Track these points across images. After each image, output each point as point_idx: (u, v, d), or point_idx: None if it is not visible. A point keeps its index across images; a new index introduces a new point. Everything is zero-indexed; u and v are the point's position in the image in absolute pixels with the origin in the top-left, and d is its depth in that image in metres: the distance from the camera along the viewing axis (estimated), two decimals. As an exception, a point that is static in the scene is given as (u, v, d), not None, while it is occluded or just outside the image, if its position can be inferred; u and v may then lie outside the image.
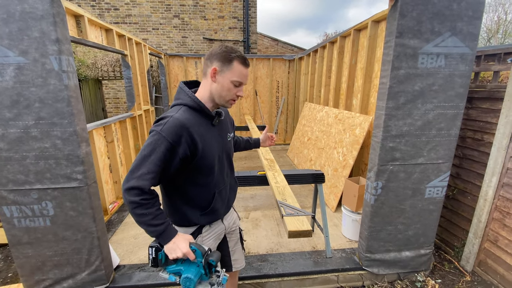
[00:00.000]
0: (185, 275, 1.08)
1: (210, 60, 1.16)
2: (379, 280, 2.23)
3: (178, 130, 1.08)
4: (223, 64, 1.13)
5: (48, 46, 1.52)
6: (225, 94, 1.17)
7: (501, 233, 2.12)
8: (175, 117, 1.09)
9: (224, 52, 1.13)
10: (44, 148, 1.63)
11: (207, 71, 1.17)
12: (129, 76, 3.80)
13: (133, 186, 1.03)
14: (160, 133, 1.06)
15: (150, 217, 1.06)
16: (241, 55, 1.15)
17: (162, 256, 1.12)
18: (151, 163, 1.05)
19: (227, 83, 1.15)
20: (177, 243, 1.09)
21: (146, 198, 1.05)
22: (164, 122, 1.08)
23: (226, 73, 1.14)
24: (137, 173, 1.05)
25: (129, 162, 3.86)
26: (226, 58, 1.13)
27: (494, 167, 2.12)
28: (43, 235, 1.80)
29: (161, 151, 1.06)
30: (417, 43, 1.70)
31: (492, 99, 2.20)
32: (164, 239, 1.10)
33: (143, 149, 1.07)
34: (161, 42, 8.26)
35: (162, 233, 1.09)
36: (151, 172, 1.05)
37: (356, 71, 3.67)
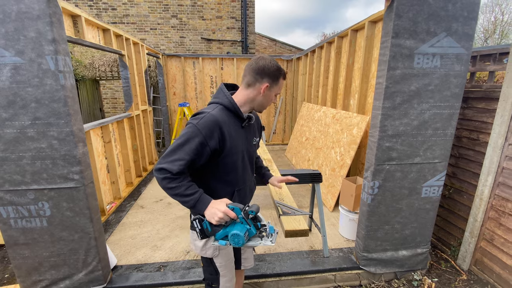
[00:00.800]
0: (232, 232, 1.14)
1: (261, 75, 1.25)
2: (376, 279, 2.24)
3: (212, 125, 1.18)
4: (273, 81, 1.27)
5: (45, 46, 1.52)
6: (267, 104, 1.34)
7: (497, 232, 2.14)
8: (211, 114, 1.20)
9: (276, 71, 1.26)
10: (41, 148, 1.63)
11: (256, 85, 1.27)
12: (127, 76, 3.80)
13: (163, 167, 1.14)
14: (196, 126, 1.16)
15: (183, 188, 1.16)
16: (284, 72, 1.31)
17: (206, 225, 1.19)
18: (184, 151, 1.15)
19: (272, 96, 1.32)
20: (215, 206, 1.17)
21: (175, 176, 1.15)
22: (202, 117, 1.18)
23: (274, 88, 1.30)
24: (169, 158, 1.15)
25: (126, 163, 3.85)
26: (276, 76, 1.27)
27: (489, 166, 2.13)
28: (40, 235, 1.79)
29: (194, 142, 1.15)
30: (413, 44, 1.71)
31: (488, 99, 2.21)
32: (201, 205, 1.18)
33: (179, 138, 1.18)
34: (159, 42, 8.25)
35: (198, 200, 1.18)
36: (182, 159, 1.15)
37: (354, 71, 3.68)
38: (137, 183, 4.12)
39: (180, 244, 2.57)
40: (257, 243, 1.20)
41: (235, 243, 1.15)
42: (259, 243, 1.20)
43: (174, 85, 6.31)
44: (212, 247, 1.37)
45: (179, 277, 2.08)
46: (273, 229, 1.22)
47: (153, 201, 3.57)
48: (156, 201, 3.57)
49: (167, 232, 2.81)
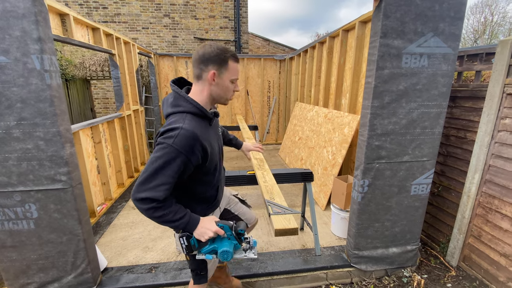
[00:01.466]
0: (222, 249, 1.19)
1: (205, 63, 1.16)
2: (367, 276, 2.27)
3: (191, 142, 1.09)
4: (220, 66, 1.16)
5: (30, 45, 1.49)
6: (225, 93, 1.23)
7: (484, 229, 2.18)
8: (185, 129, 1.08)
9: (218, 54, 1.14)
10: (27, 149, 1.60)
11: (203, 75, 1.17)
12: (117, 76, 3.75)
13: (146, 196, 1.05)
14: (172, 146, 1.05)
15: (171, 215, 1.12)
16: (233, 53, 1.20)
17: (194, 242, 1.22)
18: (165, 175, 1.06)
19: (227, 83, 1.20)
20: (205, 226, 1.18)
21: (161, 203, 1.09)
22: (175, 135, 1.07)
23: (224, 74, 1.18)
24: (150, 185, 1.06)
25: (117, 163, 3.81)
26: (222, 60, 1.15)
27: (476, 164, 2.18)
28: (27, 238, 1.76)
29: (176, 164, 1.07)
30: (401, 43, 1.73)
31: (475, 98, 2.26)
32: (191, 227, 1.17)
33: (154, 161, 1.06)
34: (151, 42, 8.18)
35: (188, 223, 1.16)
36: (166, 184, 1.07)
37: (345, 71, 3.71)
38: (128, 184, 4.08)
39: (172, 245, 2.56)
40: (242, 255, 1.27)
41: (224, 258, 1.19)
42: (243, 256, 1.27)
43: (166, 84, 6.26)
44: None
45: (170, 278, 2.06)
46: (256, 242, 1.29)
47: (145, 202, 3.54)
48: (148, 202, 3.53)
49: (159, 233, 2.79)
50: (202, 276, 1.50)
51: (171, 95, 1.23)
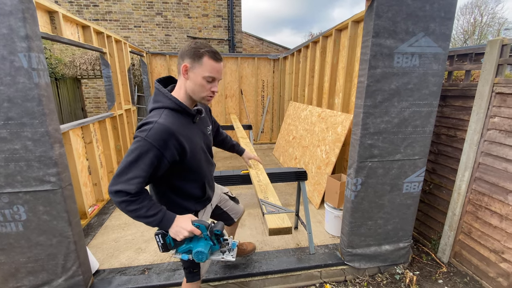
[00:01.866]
0: (196, 249, 1.15)
1: (181, 57, 1.16)
2: (361, 274, 2.29)
3: (165, 135, 1.08)
4: (193, 61, 1.13)
5: (17, 43, 1.45)
6: (198, 90, 1.18)
7: (474, 225, 2.22)
8: (159, 123, 1.09)
9: (193, 48, 1.13)
10: (14, 149, 1.56)
11: (180, 70, 1.18)
12: (109, 75, 3.69)
13: (120, 189, 1.06)
14: (145, 139, 1.06)
15: (144, 209, 1.10)
16: (211, 50, 1.15)
17: (170, 240, 1.18)
18: (138, 168, 1.07)
19: (199, 79, 1.15)
20: (180, 224, 1.14)
21: (134, 196, 1.08)
22: (149, 128, 1.07)
23: (197, 69, 1.14)
24: (123, 178, 1.06)
25: (109, 164, 3.75)
26: (195, 54, 1.13)
27: (466, 162, 2.22)
28: (16, 240, 1.72)
29: (148, 157, 1.06)
30: (393, 43, 1.75)
31: (464, 97, 2.30)
32: (165, 224, 1.14)
33: (128, 155, 1.08)
34: (144, 40, 8.08)
35: (161, 220, 1.13)
36: (138, 177, 1.07)
37: (338, 70, 3.73)
38: (121, 184, 4.02)
39: (166, 246, 2.53)
40: (219, 257, 1.23)
41: (199, 259, 1.16)
42: (221, 258, 1.23)
43: (159, 84, 6.20)
44: None
45: (164, 280, 2.04)
46: (235, 244, 1.26)
47: (138, 203, 3.50)
48: (141, 203, 3.50)
49: (152, 234, 2.76)
50: (195, 274, 1.50)
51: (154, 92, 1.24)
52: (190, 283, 1.55)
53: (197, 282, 1.55)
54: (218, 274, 2.09)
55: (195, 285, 1.57)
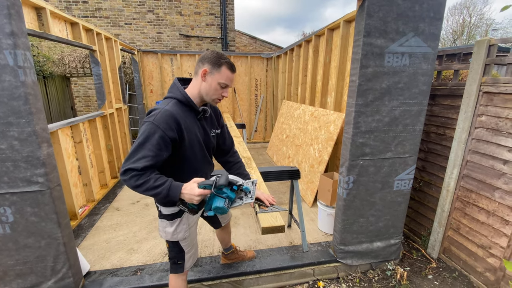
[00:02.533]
0: (213, 206, 1.23)
1: (202, 62, 1.32)
2: (353, 271, 2.32)
3: (168, 118, 1.23)
4: (213, 67, 1.30)
5: (2, 40, 1.41)
6: (212, 93, 1.34)
7: (463, 221, 2.28)
8: (165, 109, 1.25)
9: (215, 57, 1.30)
10: (0, 150, 1.51)
11: (199, 71, 1.33)
12: (99, 73, 3.62)
13: (129, 167, 1.17)
14: (153, 122, 1.21)
15: (152, 180, 1.19)
16: (230, 62, 1.33)
17: (192, 206, 1.27)
18: (146, 149, 1.19)
19: (215, 84, 1.32)
20: (188, 192, 1.22)
21: (141, 171, 1.18)
22: (157, 113, 1.23)
23: (215, 75, 1.31)
24: (133, 159, 1.19)
25: (100, 164, 3.69)
26: (216, 63, 1.30)
27: (455, 159, 2.27)
28: (3, 243, 1.67)
29: (155, 138, 1.20)
30: (384, 43, 1.77)
31: (453, 96, 2.35)
32: (174, 193, 1.21)
33: (138, 138, 1.22)
34: (135, 38, 7.96)
35: (170, 188, 1.21)
36: (146, 156, 1.19)
37: (330, 69, 3.76)
38: (112, 184, 3.97)
39: (158, 246, 2.51)
40: (239, 203, 1.31)
41: (220, 213, 1.24)
42: (241, 203, 1.31)
43: (151, 82, 6.12)
44: (182, 231, 1.48)
45: (156, 280, 2.02)
46: (247, 188, 1.32)
47: (130, 203, 3.45)
48: (133, 203, 3.45)
49: (145, 234, 2.73)
50: (179, 266, 1.57)
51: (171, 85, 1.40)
52: (175, 277, 1.59)
53: (180, 274, 1.59)
54: (211, 274, 2.09)
55: (180, 278, 1.60)
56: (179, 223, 1.47)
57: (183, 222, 1.48)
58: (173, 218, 1.46)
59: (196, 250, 1.66)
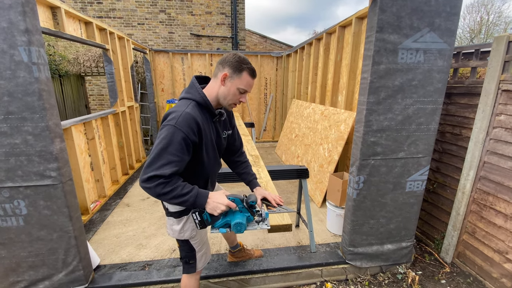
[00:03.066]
0: (235, 221, 1.21)
1: (223, 65, 1.27)
2: (362, 273, 2.27)
3: (191, 122, 1.19)
4: (234, 72, 1.25)
5: (17, 37, 1.45)
6: (229, 98, 1.30)
7: (479, 225, 2.19)
8: (187, 112, 1.20)
9: (237, 61, 1.25)
10: (15, 144, 1.56)
11: (218, 74, 1.28)
12: (111, 72, 3.70)
13: (154, 174, 1.11)
14: (175, 126, 1.16)
15: (179, 188, 1.15)
16: (251, 67, 1.28)
17: (207, 216, 1.24)
18: (170, 153, 1.14)
19: (234, 89, 1.28)
20: (216, 200, 1.20)
21: (168, 178, 1.14)
22: (177, 116, 1.18)
23: (235, 80, 1.26)
24: (156, 165, 1.13)
25: (112, 160, 3.76)
26: (237, 67, 1.25)
27: (471, 161, 2.18)
28: (16, 235, 1.72)
29: (178, 142, 1.15)
30: (397, 38, 1.72)
31: (470, 95, 2.25)
32: (201, 200, 1.19)
33: (159, 143, 1.15)
34: (147, 38, 8.08)
35: (197, 196, 1.19)
36: (171, 162, 1.14)
37: (341, 67, 3.69)
38: (123, 181, 4.04)
39: (166, 242, 2.53)
40: (255, 227, 1.30)
41: (238, 230, 1.22)
42: (256, 227, 1.30)
43: (162, 81, 6.20)
44: (189, 229, 1.45)
45: (164, 276, 2.04)
46: (267, 214, 1.33)
47: (140, 199, 3.51)
48: (143, 199, 3.50)
49: (153, 230, 2.76)
50: (191, 266, 1.53)
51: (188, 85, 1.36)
52: (188, 277, 1.57)
53: (193, 274, 1.57)
54: (218, 271, 2.09)
55: (193, 278, 1.58)
56: (186, 221, 1.45)
57: (190, 220, 1.45)
58: (180, 215, 1.44)
59: (208, 249, 1.63)
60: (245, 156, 1.73)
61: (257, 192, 1.56)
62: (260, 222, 1.31)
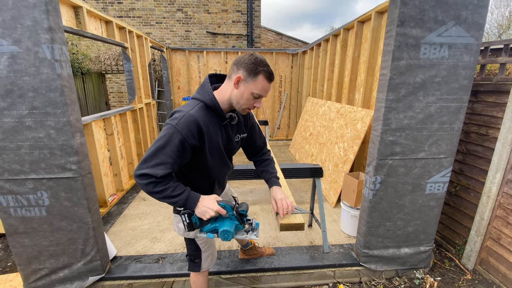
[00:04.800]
0: (222, 229, 1.19)
1: (237, 66, 1.18)
2: (377, 276, 2.20)
3: (191, 124, 1.13)
4: (248, 75, 1.16)
5: (41, 35, 1.50)
6: (242, 102, 1.22)
7: (504, 231, 2.06)
8: (190, 113, 1.15)
9: (253, 63, 1.15)
10: (39, 138, 1.63)
11: (232, 76, 1.20)
12: (130, 69, 3.79)
13: (146, 172, 1.10)
14: (175, 127, 1.11)
15: (170, 189, 1.14)
16: (268, 70, 1.17)
17: (195, 219, 1.22)
18: (165, 154, 1.11)
19: (247, 94, 1.19)
20: (206, 204, 1.18)
21: (159, 179, 1.12)
22: (180, 117, 1.13)
23: (249, 83, 1.17)
24: (151, 163, 1.11)
25: (129, 155, 3.87)
26: (252, 70, 1.15)
27: (498, 162, 2.05)
28: (39, 224, 1.81)
29: (174, 143, 1.11)
30: (420, 33, 1.63)
31: (498, 93, 2.12)
32: (190, 204, 1.18)
33: (157, 141, 1.12)
34: (165, 36, 8.24)
35: (187, 199, 1.17)
36: (165, 163, 1.11)
37: (359, 64, 3.59)
38: (140, 176, 4.14)
39: (180, 237, 2.57)
40: (243, 236, 1.27)
41: (224, 238, 1.19)
42: (245, 237, 1.27)
43: (178, 79, 6.30)
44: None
45: (177, 269, 2.08)
46: (258, 224, 1.30)
47: (155, 194, 3.59)
48: (158, 194, 3.58)
49: (168, 224, 2.82)
50: (196, 265, 1.54)
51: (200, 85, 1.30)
52: (195, 273, 1.59)
53: (200, 273, 1.58)
54: (229, 267, 2.10)
55: (200, 275, 1.60)
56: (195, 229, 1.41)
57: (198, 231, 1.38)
58: None
59: (214, 251, 1.63)
60: (268, 154, 1.65)
61: (272, 192, 1.48)
62: (250, 232, 1.28)
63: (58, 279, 1.92)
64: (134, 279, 2.02)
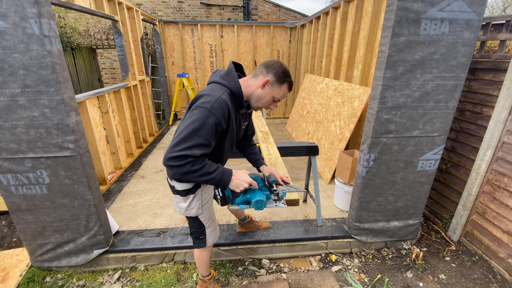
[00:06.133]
0: (256, 199, 1.29)
1: (267, 70, 1.32)
2: (367, 247, 2.33)
3: (224, 109, 1.22)
4: (276, 81, 1.31)
5: (27, 9, 1.43)
6: (263, 102, 1.37)
7: (490, 206, 2.16)
8: (223, 98, 1.23)
9: (282, 73, 1.31)
10: (33, 117, 1.61)
11: (260, 76, 1.33)
12: (122, 44, 3.66)
13: (183, 154, 1.14)
14: (210, 110, 1.18)
15: (207, 166, 1.22)
16: (291, 81, 1.36)
17: (229, 193, 1.33)
18: (201, 137, 1.17)
19: (270, 96, 1.35)
20: (239, 177, 1.28)
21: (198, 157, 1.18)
22: (213, 100, 1.20)
23: (275, 88, 1.33)
24: (186, 144, 1.15)
25: (126, 133, 3.86)
26: (281, 78, 1.31)
27: (490, 140, 2.10)
28: (41, 202, 1.85)
29: (210, 125, 1.18)
30: (421, 7, 1.59)
31: (496, 70, 2.11)
32: (226, 178, 1.27)
33: (191, 123, 1.17)
34: (156, 8, 7.83)
35: (223, 174, 1.25)
36: (201, 144, 1.18)
37: (359, 39, 3.50)
38: (137, 154, 4.17)
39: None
40: (273, 205, 1.37)
41: (258, 207, 1.29)
42: (274, 205, 1.37)
43: (172, 54, 6.10)
44: (195, 207, 1.50)
45: (177, 242, 2.18)
46: (285, 193, 1.39)
47: (154, 172, 3.64)
48: (157, 172, 3.64)
49: (167, 201, 2.90)
50: (201, 241, 1.61)
51: (224, 70, 1.37)
52: (198, 249, 1.65)
53: (204, 249, 1.65)
54: (228, 240, 2.20)
55: (205, 250, 1.67)
56: (193, 199, 1.48)
57: (196, 199, 1.48)
58: (186, 194, 1.46)
59: (217, 226, 1.69)
60: (253, 141, 1.83)
61: (264, 170, 1.62)
62: (277, 201, 1.37)
63: (64, 252, 2.01)
64: (137, 252, 2.12)
